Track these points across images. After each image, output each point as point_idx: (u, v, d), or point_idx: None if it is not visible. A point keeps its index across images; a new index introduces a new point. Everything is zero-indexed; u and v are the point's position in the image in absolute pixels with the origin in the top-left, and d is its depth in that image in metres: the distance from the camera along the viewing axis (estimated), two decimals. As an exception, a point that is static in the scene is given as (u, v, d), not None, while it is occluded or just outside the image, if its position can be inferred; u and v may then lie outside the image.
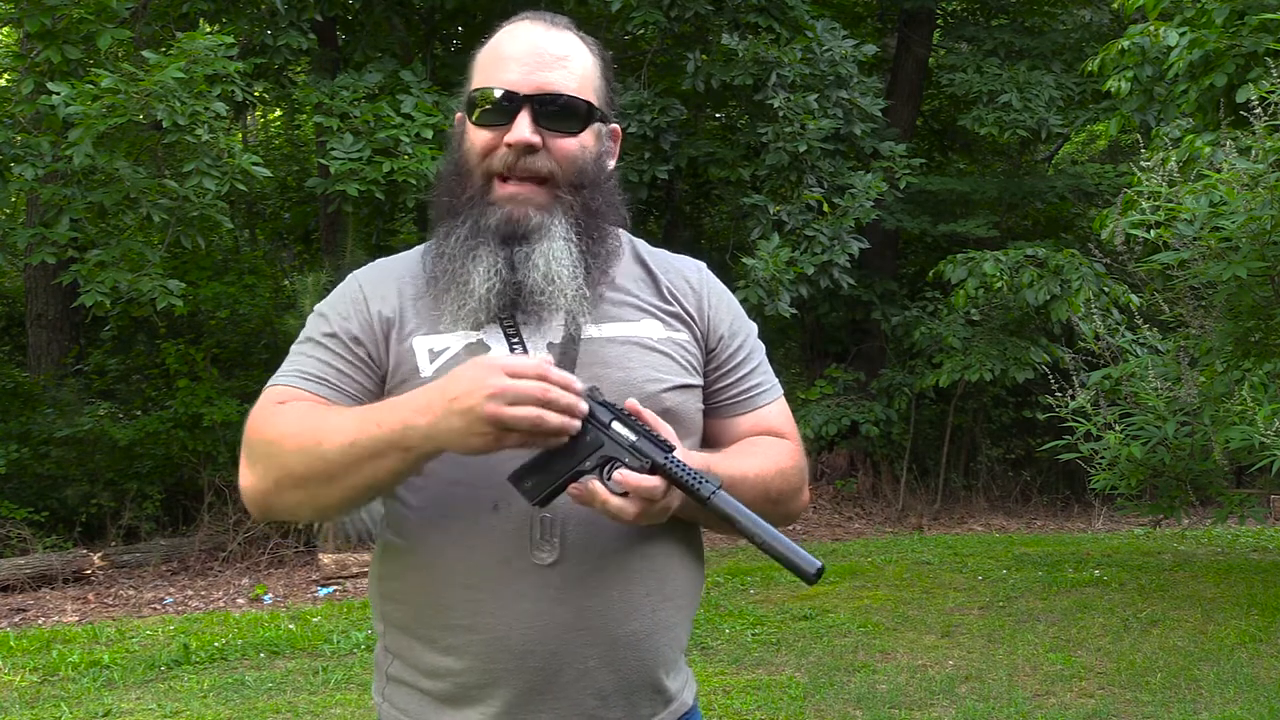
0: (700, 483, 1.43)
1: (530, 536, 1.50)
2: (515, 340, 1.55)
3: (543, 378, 1.37)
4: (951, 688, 4.90)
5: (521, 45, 1.58)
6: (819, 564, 1.43)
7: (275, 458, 1.49)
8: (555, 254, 1.55)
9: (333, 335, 1.59)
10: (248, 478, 1.53)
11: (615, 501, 1.42)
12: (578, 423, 1.40)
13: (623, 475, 1.42)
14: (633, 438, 1.44)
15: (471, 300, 1.54)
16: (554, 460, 1.45)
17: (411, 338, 1.57)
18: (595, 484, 1.43)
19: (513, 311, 1.56)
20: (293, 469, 1.48)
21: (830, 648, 5.55)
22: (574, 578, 1.51)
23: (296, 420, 1.50)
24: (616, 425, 1.45)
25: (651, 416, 1.46)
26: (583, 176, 1.58)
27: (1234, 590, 6.58)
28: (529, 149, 1.54)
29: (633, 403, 1.46)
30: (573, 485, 1.44)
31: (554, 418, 1.37)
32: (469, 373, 1.38)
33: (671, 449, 1.44)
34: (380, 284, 1.63)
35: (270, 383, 1.59)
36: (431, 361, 1.55)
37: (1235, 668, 5.07)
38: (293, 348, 1.62)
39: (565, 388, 1.38)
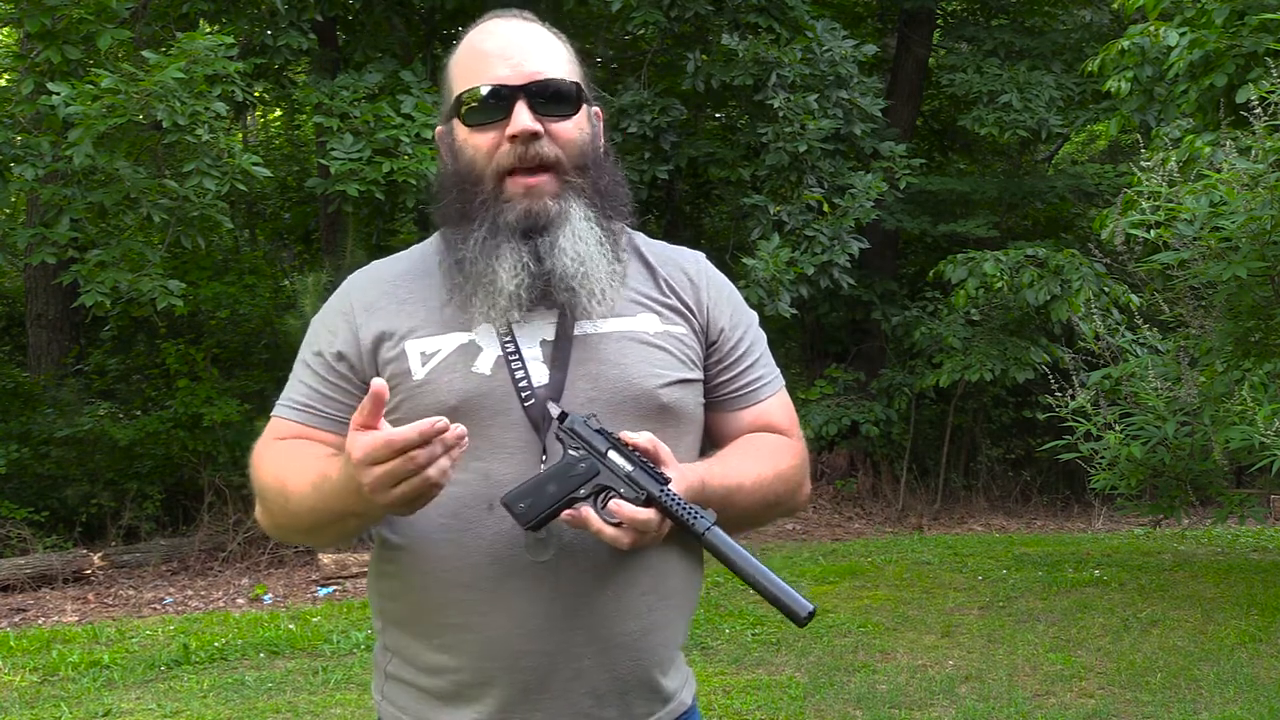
0: (695, 518, 1.43)
1: (526, 536, 1.50)
2: (508, 340, 1.55)
3: (400, 449, 1.31)
4: (951, 688, 4.90)
5: (500, 41, 1.58)
6: (811, 607, 1.43)
7: (269, 506, 1.58)
8: (580, 234, 1.54)
9: (318, 354, 1.62)
10: (258, 512, 1.62)
11: (609, 531, 1.42)
12: (447, 462, 1.34)
13: (617, 506, 1.42)
14: (629, 468, 1.44)
15: (501, 298, 1.53)
16: (549, 485, 1.45)
17: (404, 341, 1.57)
18: (589, 512, 1.43)
19: (542, 302, 1.55)
20: (282, 522, 1.57)
21: (830, 648, 5.54)
22: (569, 577, 1.51)
23: (275, 470, 1.56)
24: (613, 454, 1.45)
25: (648, 442, 1.46)
26: (585, 158, 1.59)
27: (1234, 590, 6.58)
28: (533, 137, 1.53)
29: (627, 434, 1.46)
30: (566, 511, 1.45)
31: (434, 472, 1.32)
32: (348, 470, 1.36)
33: (667, 481, 1.44)
34: (371, 291, 1.63)
35: (275, 408, 1.65)
36: (423, 364, 1.55)
37: (1235, 668, 5.07)
38: (295, 363, 1.67)
39: (423, 437, 1.31)
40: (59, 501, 8.60)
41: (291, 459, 1.55)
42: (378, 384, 1.34)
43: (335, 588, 7.30)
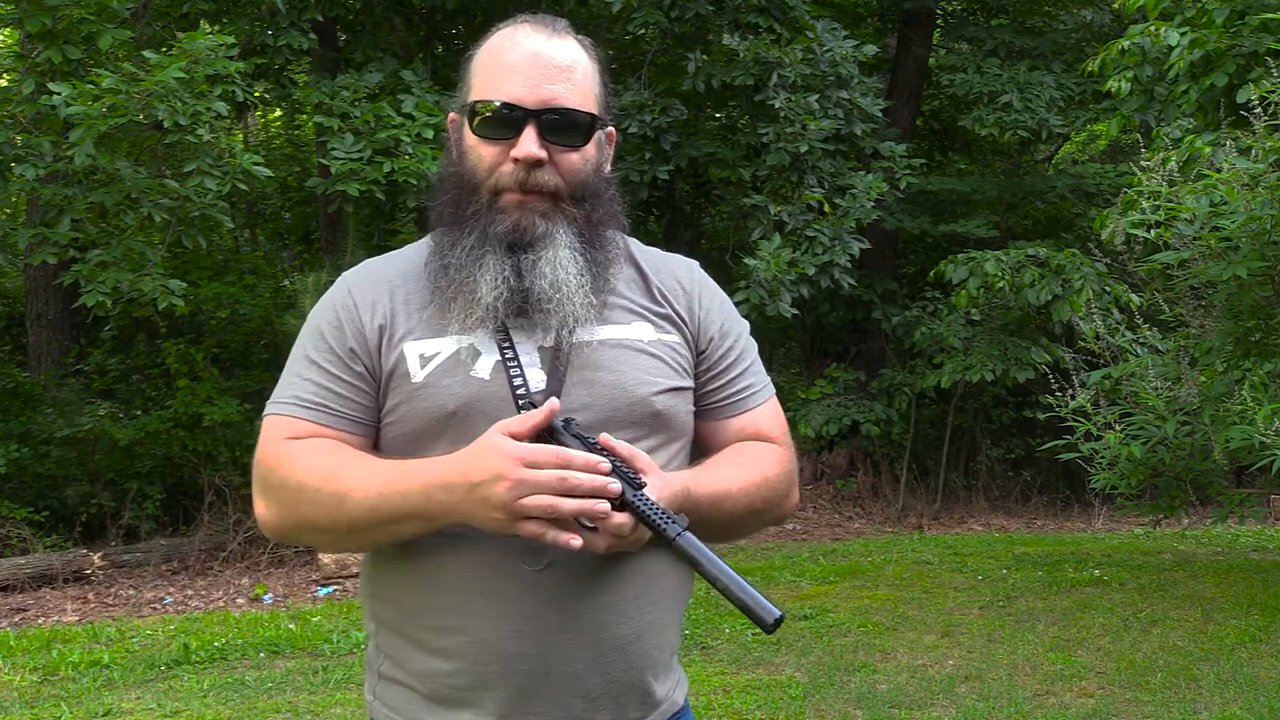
0: (667, 523, 1.43)
1: (520, 541, 1.50)
2: (506, 345, 1.55)
3: (563, 465, 1.38)
4: (951, 688, 4.90)
5: (523, 54, 1.57)
6: (778, 613, 1.44)
7: (295, 504, 1.53)
8: (561, 262, 1.55)
9: (328, 351, 1.58)
10: (265, 513, 1.57)
11: (585, 535, 1.43)
12: (603, 504, 1.39)
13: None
14: None
15: (479, 309, 1.54)
16: None
17: (402, 343, 1.57)
18: None
19: (518, 319, 1.56)
20: (315, 520, 1.52)
21: (830, 648, 5.55)
22: (562, 581, 1.51)
23: (316, 468, 1.51)
24: None
25: (625, 449, 1.46)
26: (585, 189, 1.59)
27: (1234, 590, 6.58)
28: (535, 164, 1.54)
29: (605, 437, 1.46)
30: None
31: (568, 504, 1.38)
32: (489, 460, 1.40)
33: (642, 485, 1.44)
34: (370, 289, 1.62)
35: (271, 406, 1.60)
36: (422, 367, 1.55)
37: (1235, 668, 5.07)
38: (289, 363, 1.62)
39: (589, 470, 1.39)
40: (59, 501, 8.60)
41: (344, 459, 1.52)
42: (554, 403, 1.44)
43: (335, 588, 7.30)
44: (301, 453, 1.53)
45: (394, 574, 1.59)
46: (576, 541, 1.40)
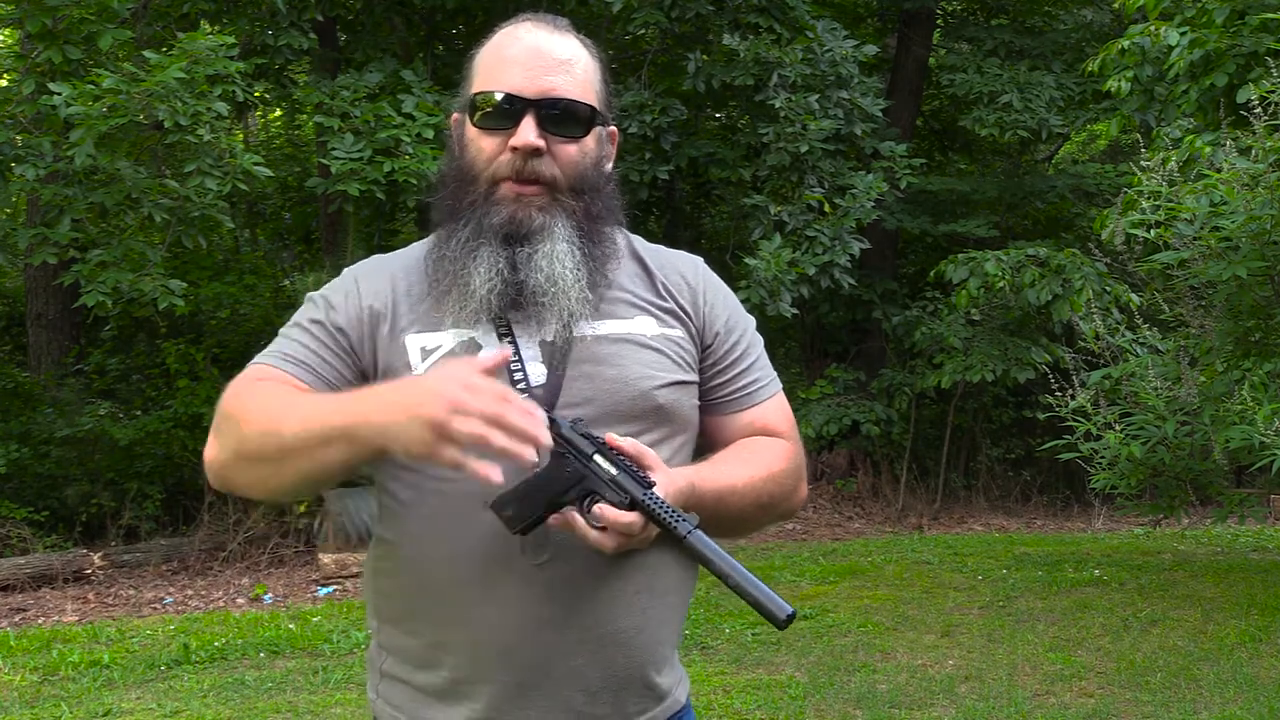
0: (677, 521, 1.43)
1: (521, 538, 1.50)
2: (508, 339, 1.55)
3: (502, 399, 1.32)
4: (951, 688, 4.90)
5: (524, 48, 1.58)
6: (790, 610, 1.44)
7: (236, 433, 1.48)
8: (558, 255, 1.54)
9: (319, 322, 1.59)
10: (210, 448, 1.53)
11: (594, 535, 1.43)
12: (527, 450, 1.32)
13: (601, 510, 1.42)
14: (613, 472, 1.44)
15: (472, 301, 1.54)
16: (535, 490, 1.45)
17: (404, 335, 1.57)
18: (574, 516, 1.44)
19: (517, 312, 1.55)
20: (248, 446, 1.47)
21: (830, 648, 5.55)
22: (563, 575, 1.51)
23: (266, 399, 1.49)
24: (598, 458, 1.45)
25: (633, 447, 1.46)
26: (584, 182, 1.58)
27: (1234, 590, 6.58)
28: (534, 153, 1.54)
29: (612, 436, 1.46)
30: (553, 515, 1.45)
31: (500, 439, 1.30)
32: (431, 382, 1.36)
33: (651, 485, 1.44)
34: (374, 279, 1.63)
35: (254, 360, 1.60)
36: (424, 360, 1.55)
37: (1235, 668, 5.07)
38: (282, 329, 1.63)
39: (525, 414, 1.33)
40: (59, 501, 8.60)
41: (290, 391, 1.51)
42: (506, 349, 1.49)
43: (335, 588, 7.30)
44: (261, 389, 1.52)
45: (395, 569, 1.59)
46: (497, 476, 1.33)
